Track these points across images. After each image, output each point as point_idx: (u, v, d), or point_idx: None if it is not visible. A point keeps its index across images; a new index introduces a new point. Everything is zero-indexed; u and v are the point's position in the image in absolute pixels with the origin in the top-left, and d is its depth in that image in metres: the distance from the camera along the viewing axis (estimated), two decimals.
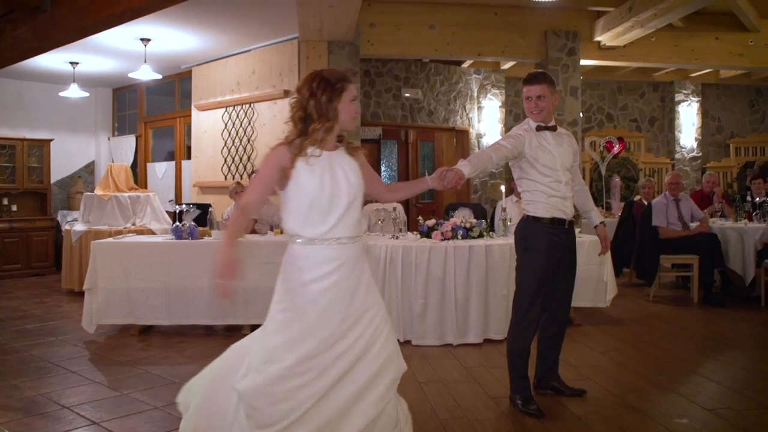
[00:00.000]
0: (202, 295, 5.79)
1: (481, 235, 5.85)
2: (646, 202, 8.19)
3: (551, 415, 3.80)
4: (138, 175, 11.17)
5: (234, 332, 5.95)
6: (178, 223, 6.19)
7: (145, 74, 8.71)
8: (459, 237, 5.72)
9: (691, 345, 5.55)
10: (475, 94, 11.36)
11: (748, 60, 9.87)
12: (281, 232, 6.88)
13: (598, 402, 4.01)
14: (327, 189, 2.68)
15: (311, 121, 2.69)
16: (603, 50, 9.45)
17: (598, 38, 9.25)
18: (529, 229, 3.90)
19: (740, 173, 12.14)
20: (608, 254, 5.07)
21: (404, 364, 2.82)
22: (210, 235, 6.33)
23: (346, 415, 2.62)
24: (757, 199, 7.82)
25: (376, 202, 6.27)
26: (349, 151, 2.84)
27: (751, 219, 7.71)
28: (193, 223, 6.21)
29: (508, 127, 11.26)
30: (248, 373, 2.68)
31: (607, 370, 4.77)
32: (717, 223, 7.71)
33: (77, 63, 9.56)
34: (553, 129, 3.90)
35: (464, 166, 3.46)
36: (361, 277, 2.76)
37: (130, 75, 9.03)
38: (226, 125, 9.27)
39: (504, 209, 6.28)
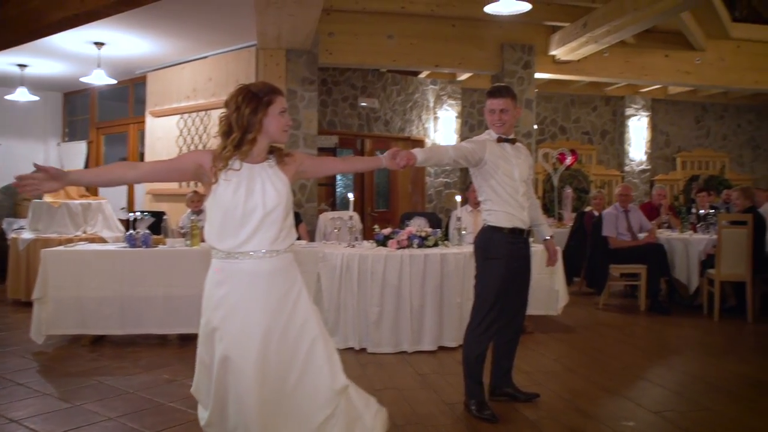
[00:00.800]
0: (156, 304, 5.71)
1: (436, 244, 5.91)
2: (597, 213, 8.36)
3: (505, 420, 3.87)
4: None
5: (189, 341, 5.89)
6: (131, 231, 6.09)
7: (99, 79, 8.59)
8: (414, 246, 5.77)
9: (638, 351, 5.70)
10: (432, 105, 11.49)
11: (694, 78, 10.22)
12: None
13: (550, 406, 4.10)
14: (241, 201, 2.66)
15: (232, 134, 2.69)
16: (557, 64, 9.67)
17: (553, 52, 9.47)
18: (490, 238, 3.96)
19: (686, 186, 12.52)
20: (560, 263, 5.19)
21: (343, 378, 2.79)
22: (164, 243, 6.24)
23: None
24: (702, 211, 8.06)
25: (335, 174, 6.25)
26: (279, 161, 2.81)
27: (695, 230, 7.95)
28: (147, 231, 6.13)
29: (463, 138, 11.40)
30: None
31: (558, 376, 4.89)
32: (664, 234, 7.93)
33: (26, 65, 9.32)
34: (513, 142, 4.00)
35: (418, 152, 3.54)
36: (287, 293, 2.74)
37: (83, 79, 8.85)
38: (181, 132, 9.19)
39: (459, 219, 6.36)
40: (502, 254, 3.90)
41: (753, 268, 6.82)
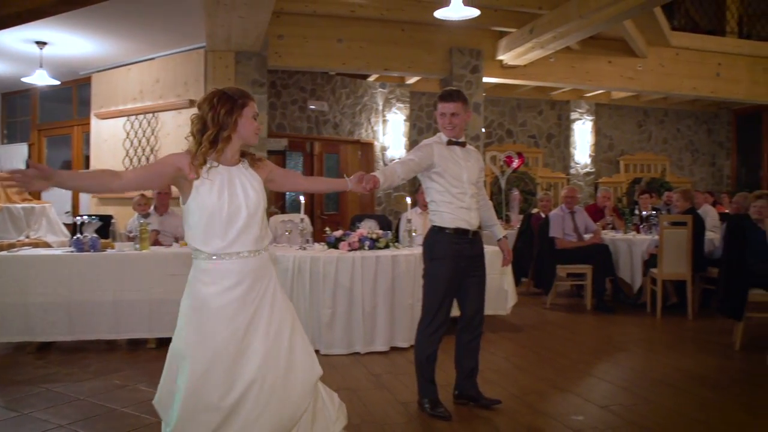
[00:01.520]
0: (105, 309, 5.61)
1: (387, 246, 5.96)
2: (543, 215, 8.52)
3: (459, 417, 3.94)
4: None
5: (138, 346, 5.81)
6: (79, 235, 5.96)
7: (41, 79, 8.39)
8: (366, 247, 5.81)
9: (585, 349, 5.85)
10: (380, 108, 11.55)
11: (636, 83, 10.54)
12: (186, 243, 6.77)
13: (502, 404, 4.15)
14: (226, 203, 2.72)
15: (207, 131, 2.73)
16: (505, 69, 9.85)
17: (500, 57, 9.64)
18: (435, 238, 4.02)
19: (629, 188, 12.85)
20: (509, 264, 5.27)
21: (318, 366, 2.94)
22: (113, 247, 6.12)
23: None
24: (644, 212, 8.30)
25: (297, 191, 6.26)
26: (251, 164, 2.89)
27: (638, 231, 8.18)
28: (95, 235, 6.01)
29: (412, 141, 11.52)
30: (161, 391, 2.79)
31: (509, 374, 4.99)
32: (608, 235, 8.14)
33: None
34: (463, 145, 4.06)
35: (379, 174, 3.58)
36: (266, 290, 2.81)
37: (24, 80, 8.63)
38: (128, 134, 9.03)
39: (409, 221, 6.42)
40: (446, 254, 3.95)
41: (693, 267, 7.07)
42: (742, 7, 11.22)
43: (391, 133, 11.55)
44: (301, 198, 6.51)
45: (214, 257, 2.73)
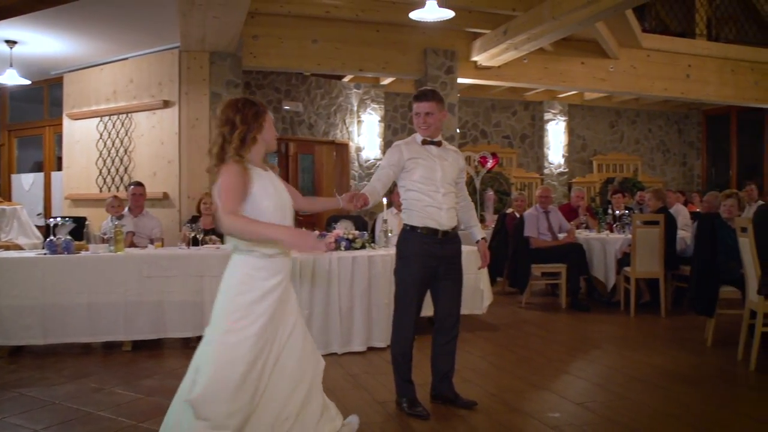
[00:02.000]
0: (79, 312, 5.53)
1: (363, 246, 5.96)
2: (518, 215, 8.56)
3: (437, 416, 3.95)
4: (1, 187, 10.50)
5: (114, 349, 5.75)
6: (52, 237, 5.87)
7: (11, 79, 8.26)
8: (342, 248, 5.81)
9: (561, 347, 5.91)
10: (355, 109, 11.56)
11: (609, 84, 10.66)
12: (162, 245, 6.71)
13: (479, 402, 4.17)
14: (279, 205, 2.97)
15: (236, 129, 2.90)
16: (479, 70, 9.90)
17: (474, 58, 9.69)
18: (405, 237, 4.04)
19: (602, 188, 13.00)
20: (486, 267, 5.31)
21: (323, 360, 3.25)
22: (87, 249, 6.02)
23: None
24: (617, 212, 8.41)
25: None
26: (274, 172, 3.13)
27: (612, 230, 8.28)
28: (68, 237, 5.93)
29: (386, 141, 11.54)
30: (197, 384, 2.82)
31: (486, 373, 5.03)
32: (582, 234, 8.22)
33: None
34: (438, 144, 4.06)
35: (368, 193, 3.72)
36: (291, 286, 3.10)
37: None
38: (101, 135, 8.92)
39: (385, 221, 6.44)
40: (416, 253, 3.95)
41: (665, 265, 7.17)
42: (710, 10, 11.41)
43: (366, 133, 11.56)
44: None
45: (268, 255, 2.91)
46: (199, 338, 2.96)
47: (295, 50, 8.87)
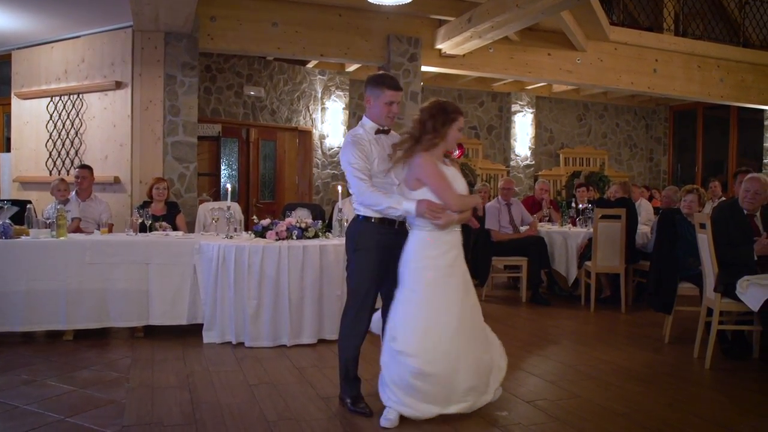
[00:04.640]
0: (17, 299, 5.30)
1: (316, 236, 5.78)
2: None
3: (380, 414, 3.77)
4: None
5: (56, 339, 5.51)
6: None
7: None
8: (294, 237, 5.62)
9: (517, 342, 5.77)
10: (320, 95, 11.33)
11: (575, 77, 10.54)
12: (108, 231, 6.46)
13: None
14: (460, 190, 3.78)
15: (427, 133, 3.68)
16: (443, 58, 9.71)
17: (439, 46, 9.49)
18: (359, 229, 3.87)
19: (569, 181, 12.96)
20: None
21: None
22: (27, 234, 5.73)
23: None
24: (581, 205, 8.32)
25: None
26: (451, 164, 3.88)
27: (575, 224, 8.20)
28: (8, 222, 5.65)
29: (350, 128, 11.30)
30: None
31: None
32: (544, 228, 8.13)
33: None
34: (387, 132, 3.92)
35: (397, 203, 3.70)
36: (459, 257, 3.91)
37: None
38: (51, 116, 8.57)
39: (341, 210, 6.24)
40: (372, 245, 3.80)
41: (626, 259, 7.09)
42: (678, 5, 11.36)
43: (330, 121, 11.34)
44: (228, 185, 6.29)
45: (434, 230, 3.69)
46: (144, 328, 2.75)
47: (255, 33, 8.58)
